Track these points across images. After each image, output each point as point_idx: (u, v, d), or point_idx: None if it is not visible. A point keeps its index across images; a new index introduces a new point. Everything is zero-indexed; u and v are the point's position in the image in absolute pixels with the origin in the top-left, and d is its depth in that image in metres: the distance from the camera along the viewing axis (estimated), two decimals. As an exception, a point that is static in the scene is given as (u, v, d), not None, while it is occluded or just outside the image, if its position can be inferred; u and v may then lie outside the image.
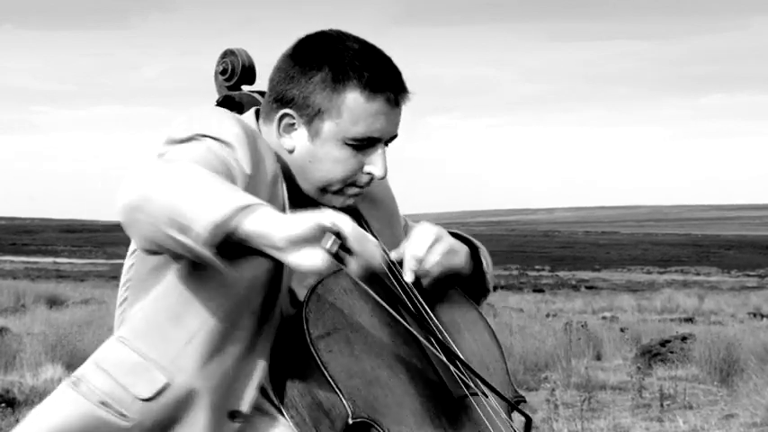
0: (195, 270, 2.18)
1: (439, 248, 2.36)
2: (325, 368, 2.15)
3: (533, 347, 13.58)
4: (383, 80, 2.28)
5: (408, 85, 2.34)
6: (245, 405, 2.23)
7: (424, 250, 2.34)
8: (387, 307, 2.21)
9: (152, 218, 1.99)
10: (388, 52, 2.36)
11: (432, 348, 2.27)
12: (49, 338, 12.13)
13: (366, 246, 1.99)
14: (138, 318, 2.23)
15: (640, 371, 11.21)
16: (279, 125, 2.32)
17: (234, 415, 2.23)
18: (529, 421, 2.34)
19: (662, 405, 10.26)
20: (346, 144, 2.28)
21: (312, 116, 2.28)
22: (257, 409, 2.25)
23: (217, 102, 2.61)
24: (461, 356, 2.29)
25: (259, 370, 2.24)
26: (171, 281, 2.21)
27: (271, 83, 2.35)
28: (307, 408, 2.19)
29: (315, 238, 1.93)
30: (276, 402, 2.25)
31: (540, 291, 44.44)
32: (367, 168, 2.31)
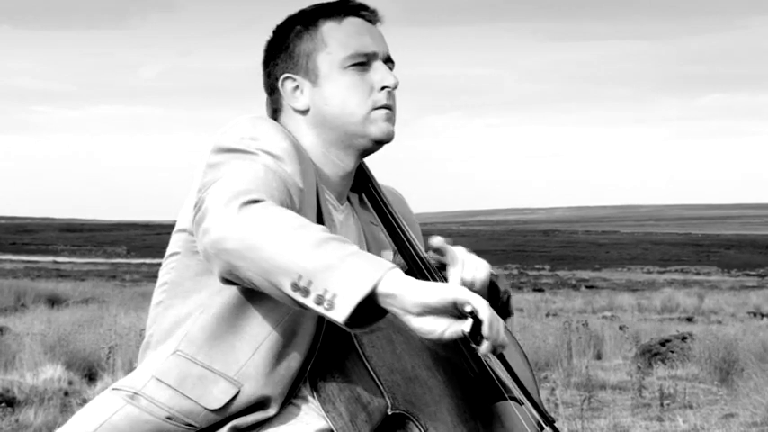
0: None
1: (483, 272, 2.39)
2: (368, 361, 2.19)
3: (533, 347, 13.58)
4: (347, 5, 2.37)
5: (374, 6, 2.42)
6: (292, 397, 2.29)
7: (472, 274, 2.37)
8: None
9: (259, 269, 1.97)
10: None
11: (473, 353, 2.30)
12: (49, 338, 12.12)
13: (498, 330, 2.02)
14: (197, 330, 2.23)
15: (640, 370, 11.21)
16: (287, 97, 2.35)
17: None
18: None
19: (662, 404, 10.26)
20: (347, 68, 2.32)
21: (306, 64, 2.32)
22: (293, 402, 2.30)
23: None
24: (509, 363, 2.33)
25: (308, 367, 2.28)
26: (227, 294, 2.22)
27: (264, 82, 2.40)
28: (345, 402, 2.22)
29: (445, 311, 1.97)
30: (313, 397, 2.28)
31: (540, 290, 44.44)
32: (378, 84, 2.33)
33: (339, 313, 1.94)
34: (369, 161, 2.48)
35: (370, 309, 1.98)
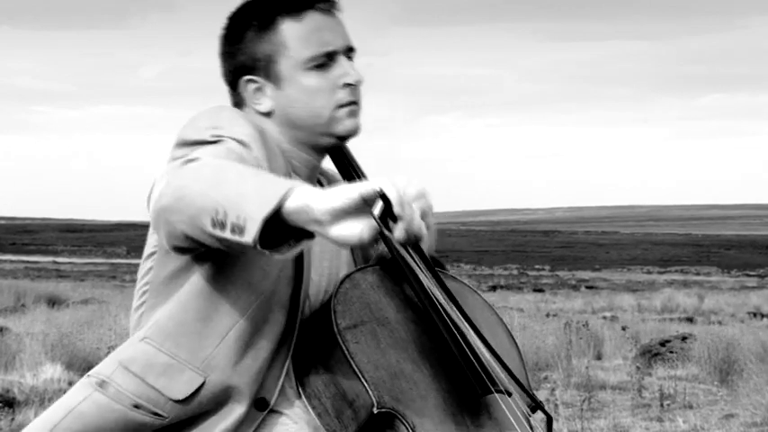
0: (222, 270, 2.19)
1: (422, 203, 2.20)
2: (352, 358, 2.17)
3: (533, 347, 13.58)
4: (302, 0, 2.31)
5: None
6: (272, 396, 2.25)
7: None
8: (419, 293, 2.23)
9: (186, 216, 1.97)
10: (387, 52, 2.38)
11: (460, 342, 2.26)
12: (49, 338, 12.12)
13: (411, 213, 1.91)
14: (165, 318, 2.22)
15: (640, 371, 11.21)
16: (250, 98, 2.31)
17: (261, 405, 2.25)
18: (550, 420, 2.34)
19: (662, 405, 10.26)
20: (309, 70, 2.27)
21: (267, 66, 2.28)
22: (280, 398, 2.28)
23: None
24: (495, 350, 2.30)
25: (287, 362, 2.26)
26: (196, 282, 2.21)
27: (223, 75, 2.36)
28: (330, 398, 2.21)
29: (357, 209, 1.87)
30: (299, 392, 2.26)
31: (540, 290, 44.47)
32: (342, 81, 2.29)
33: (248, 235, 1.88)
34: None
35: (286, 231, 1.92)
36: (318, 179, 2.41)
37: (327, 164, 2.44)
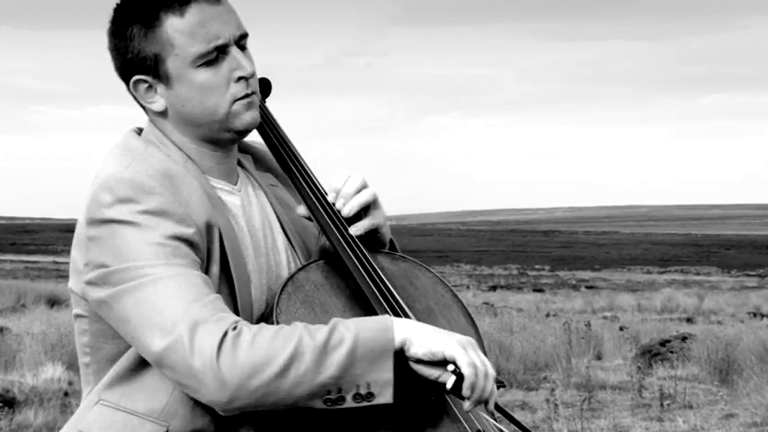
0: None
1: (365, 194, 2.31)
2: None
3: (533, 347, 13.58)
4: None
5: None
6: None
7: (352, 191, 2.30)
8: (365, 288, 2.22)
9: (285, 405, 2.02)
10: (387, 52, 2.31)
11: None
12: (49, 338, 12.12)
13: (481, 389, 2.05)
14: (115, 376, 2.17)
15: (640, 371, 11.22)
16: (142, 97, 2.23)
17: None
18: (502, 386, 2.31)
19: (662, 405, 10.26)
20: (199, 67, 2.17)
21: (155, 66, 2.19)
22: None
23: None
24: None
25: None
26: None
27: (115, 70, 2.26)
28: (285, 419, 2.13)
29: (438, 363, 2.05)
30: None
31: (540, 290, 44.45)
32: (235, 74, 2.19)
33: (385, 398, 2.01)
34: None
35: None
36: (239, 162, 2.34)
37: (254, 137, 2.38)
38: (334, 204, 2.31)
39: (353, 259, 2.26)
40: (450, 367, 2.02)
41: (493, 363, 2.44)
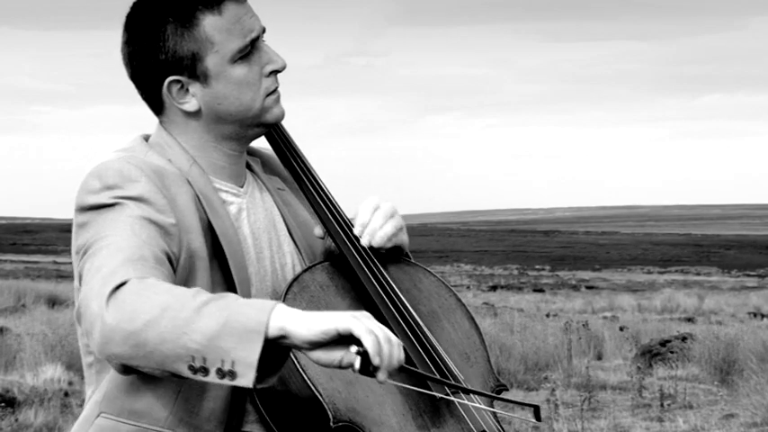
0: None
1: (393, 223, 2.33)
2: (304, 371, 2.10)
3: (534, 347, 13.58)
4: None
5: None
6: (241, 426, 2.21)
7: (379, 223, 2.32)
8: (379, 297, 2.20)
9: (152, 364, 1.94)
10: (387, 53, 2.32)
11: (412, 346, 2.23)
12: (49, 338, 12.12)
13: (389, 355, 1.93)
14: (116, 389, 2.17)
15: (640, 371, 11.22)
16: (174, 99, 2.24)
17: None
18: (503, 388, 2.31)
19: (662, 405, 10.27)
20: (236, 63, 2.22)
21: (192, 65, 2.21)
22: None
23: None
24: (446, 360, 2.25)
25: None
26: None
27: (137, 82, 2.28)
28: (289, 415, 2.14)
29: (334, 341, 1.91)
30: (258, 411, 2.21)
31: (541, 291, 44.46)
32: (267, 69, 2.25)
33: (245, 381, 1.90)
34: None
35: (271, 353, 1.92)
36: (248, 164, 2.36)
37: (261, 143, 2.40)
38: (360, 237, 2.32)
39: (359, 261, 2.27)
40: (354, 348, 1.89)
41: (493, 363, 2.41)
